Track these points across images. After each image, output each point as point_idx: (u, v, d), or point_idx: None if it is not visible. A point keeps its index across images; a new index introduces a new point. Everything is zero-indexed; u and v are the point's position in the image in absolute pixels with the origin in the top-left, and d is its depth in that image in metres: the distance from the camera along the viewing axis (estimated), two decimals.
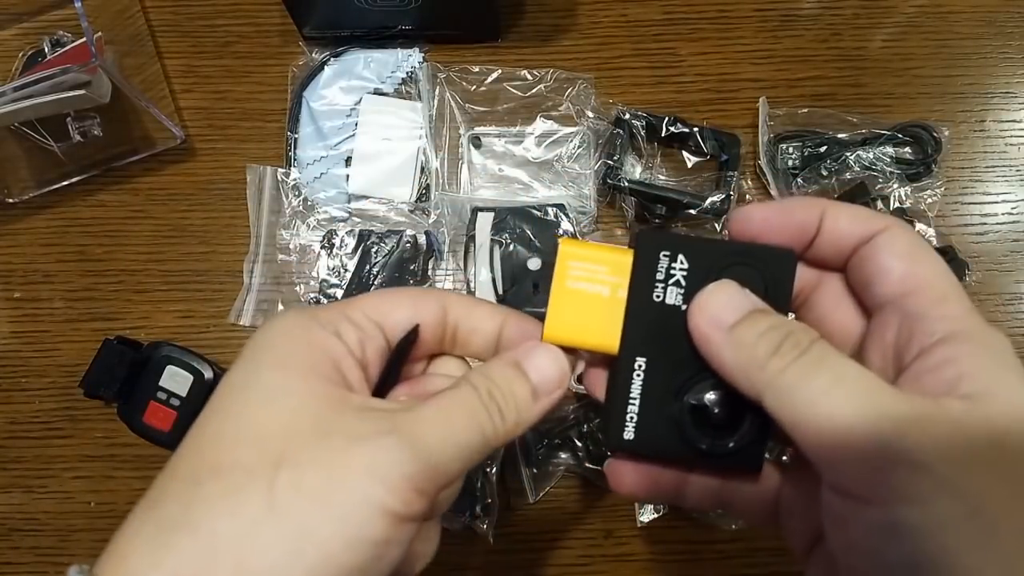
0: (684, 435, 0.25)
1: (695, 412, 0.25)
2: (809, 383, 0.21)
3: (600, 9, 0.57)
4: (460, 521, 0.48)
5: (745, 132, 0.54)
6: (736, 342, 0.23)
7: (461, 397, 0.24)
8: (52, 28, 0.56)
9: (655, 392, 0.25)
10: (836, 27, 0.57)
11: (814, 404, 0.21)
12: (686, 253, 0.25)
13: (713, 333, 0.23)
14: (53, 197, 0.54)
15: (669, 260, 0.25)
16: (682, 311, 0.25)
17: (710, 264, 0.25)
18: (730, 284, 0.24)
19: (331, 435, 0.21)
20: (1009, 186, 0.54)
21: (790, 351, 0.22)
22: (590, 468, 0.49)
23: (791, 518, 0.27)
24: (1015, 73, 0.56)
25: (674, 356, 0.25)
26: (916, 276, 0.23)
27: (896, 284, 0.23)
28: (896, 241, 0.24)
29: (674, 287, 0.25)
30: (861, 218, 0.25)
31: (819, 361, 0.21)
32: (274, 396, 0.22)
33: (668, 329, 0.25)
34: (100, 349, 0.49)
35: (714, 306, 0.24)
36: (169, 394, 0.48)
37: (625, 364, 0.25)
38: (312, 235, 0.53)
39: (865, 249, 0.24)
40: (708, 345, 0.24)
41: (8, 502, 0.51)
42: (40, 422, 0.52)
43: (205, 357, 0.49)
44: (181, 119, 0.56)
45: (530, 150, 0.54)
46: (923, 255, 0.24)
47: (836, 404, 0.20)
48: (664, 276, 0.25)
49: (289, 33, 0.56)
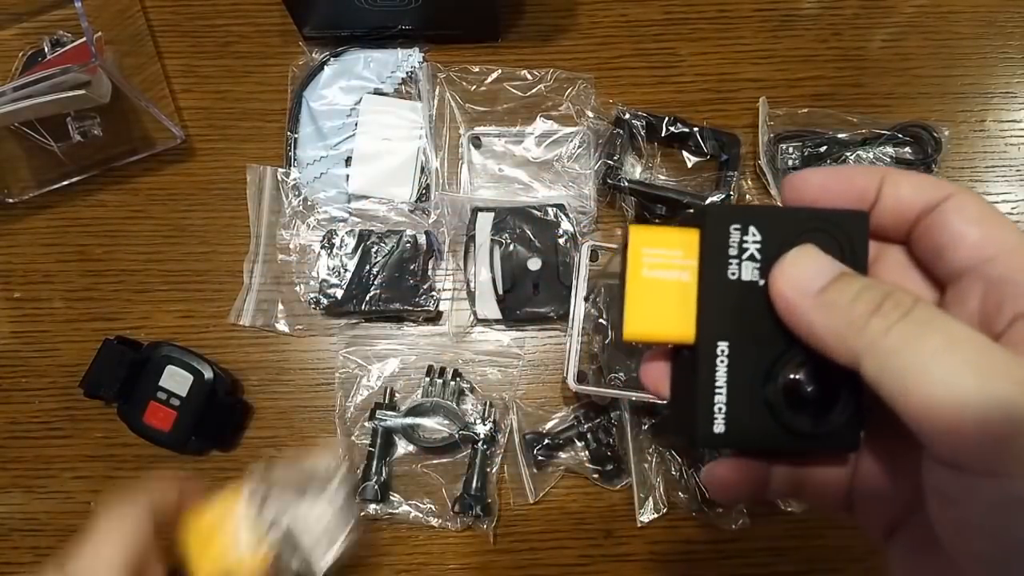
0: (781, 419, 0.23)
1: (789, 392, 0.23)
2: (919, 345, 0.19)
3: (600, 9, 0.57)
4: (460, 521, 0.48)
5: (745, 132, 0.54)
6: (828, 304, 0.21)
7: None
8: (52, 28, 0.56)
9: (742, 377, 0.23)
10: (836, 27, 0.57)
11: (925, 368, 0.19)
12: (757, 224, 0.23)
13: (800, 299, 0.22)
14: (53, 197, 0.54)
15: (740, 234, 0.23)
16: (760, 286, 0.23)
17: (784, 233, 0.23)
18: (812, 248, 0.22)
19: None
20: (1009, 186, 0.54)
21: (892, 311, 0.20)
22: (590, 468, 0.49)
23: (869, 501, 0.25)
24: (1015, 73, 0.56)
25: (759, 336, 0.23)
26: (996, 240, 0.22)
27: (974, 249, 0.22)
28: (967, 206, 0.22)
29: (749, 262, 0.23)
30: (924, 185, 0.23)
31: (927, 322, 0.19)
32: None
33: (748, 307, 0.23)
34: (100, 349, 0.49)
35: (798, 271, 0.22)
36: (169, 394, 0.48)
37: (706, 351, 0.23)
38: (312, 235, 0.53)
39: (933, 217, 0.23)
40: (795, 312, 0.22)
41: (8, 502, 0.51)
42: (40, 422, 0.52)
43: (205, 357, 0.49)
44: (181, 119, 0.56)
45: (530, 150, 0.54)
46: (997, 219, 0.22)
47: (951, 368, 0.19)
48: (737, 251, 0.23)
49: (289, 33, 0.56)
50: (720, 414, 0.23)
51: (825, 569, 0.48)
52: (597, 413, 0.49)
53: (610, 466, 0.48)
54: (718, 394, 0.23)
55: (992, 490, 0.18)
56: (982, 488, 0.19)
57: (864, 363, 0.20)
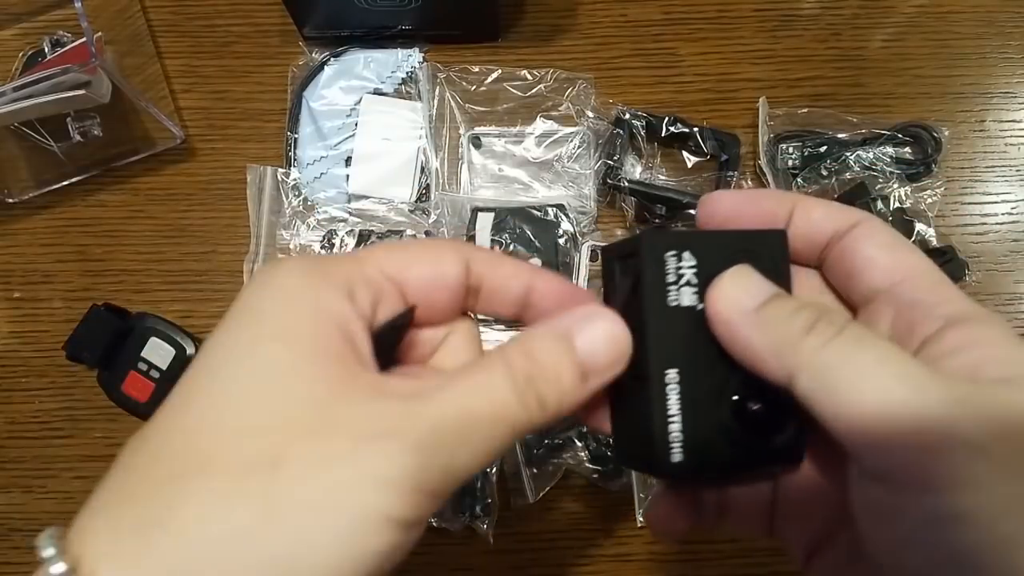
0: (733, 441, 0.23)
1: (741, 413, 0.23)
2: (852, 361, 0.20)
3: (600, 9, 0.57)
4: (460, 521, 0.48)
5: (745, 132, 0.54)
6: (764, 322, 0.21)
7: (489, 385, 0.20)
8: (52, 28, 0.56)
9: (694, 403, 0.23)
10: (836, 27, 0.57)
11: (858, 385, 0.19)
12: (691, 249, 0.23)
13: (737, 318, 0.22)
14: (53, 197, 0.54)
15: (676, 260, 0.23)
16: (699, 310, 0.23)
17: (716, 256, 0.23)
18: (747, 268, 0.23)
19: (335, 432, 0.19)
20: (1009, 186, 0.54)
21: (826, 329, 0.20)
22: (590, 468, 0.49)
23: (792, 522, 0.26)
24: (1015, 73, 0.56)
25: (705, 360, 0.23)
26: (904, 264, 0.23)
27: (885, 273, 0.23)
28: (876, 232, 0.23)
29: (687, 287, 0.23)
30: (834, 212, 0.24)
31: (859, 339, 0.20)
32: (276, 378, 0.19)
33: (692, 332, 0.23)
34: (87, 314, 0.49)
35: (735, 291, 0.22)
36: (150, 365, 0.48)
37: (657, 380, 0.23)
38: (312, 235, 0.53)
39: (844, 242, 0.24)
40: (733, 331, 0.22)
41: (8, 502, 0.51)
42: (40, 422, 0.52)
43: (190, 333, 0.49)
44: (181, 119, 0.56)
45: (530, 150, 0.54)
46: (905, 245, 0.23)
47: (884, 382, 0.19)
48: (675, 277, 0.23)
49: (289, 33, 0.56)
50: (677, 443, 0.23)
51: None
52: None
53: (610, 466, 0.48)
54: (672, 422, 0.22)
55: (924, 505, 0.19)
56: (914, 503, 0.19)
57: (799, 379, 0.20)
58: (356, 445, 0.19)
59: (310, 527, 0.18)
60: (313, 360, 0.19)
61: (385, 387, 0.20)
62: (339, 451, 0.18)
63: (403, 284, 0.23)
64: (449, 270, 0.23)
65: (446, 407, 0.19)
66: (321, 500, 0.18)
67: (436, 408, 0.19)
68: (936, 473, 0.18)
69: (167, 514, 0.18)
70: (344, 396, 0.19)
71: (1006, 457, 0.18)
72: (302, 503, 0.18)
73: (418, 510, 0.19)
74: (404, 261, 0.23)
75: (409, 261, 0.23)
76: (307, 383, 0.19)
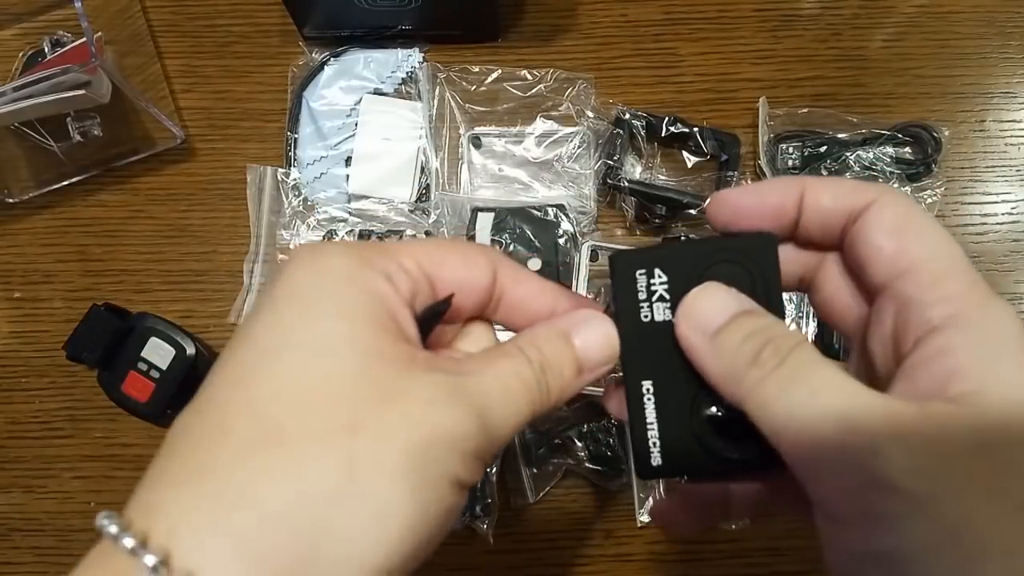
0: (708, 448, 0.24)
1: (713, 422, 0.24)
2: (787, 395, 0.20)
3: (600, 9, 0.57)
4: (460, 521, 0.48)
5: (745, 132, 0.54)
6: (718, 350, 0.22)
7: (518, 367, 0.22)
8: (52, 28, 0.56)
9: (670, 412, 0.24)
10: (836, 27, 0.57)
11: (791, 418, 0.20)
12: (661, 265, 0.24)
13: (698, 341, 0.22)
14: (53, 197, 0.54)
15: (647, 277, 0.24)
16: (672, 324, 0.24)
17: (688, 269, 0.24)
18: (713, 287, 0.23)
19: (405, 399, 0.19)
20: (1009, 186, 0.54)
21: (769, 359, 0.21)
22: (590, 468, 0.49)
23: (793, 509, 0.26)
24: (1015, 73, 0.56)
25: (678, 372, 0.24)
26: (908, 254, 0.21)
27: (889, 264, 0.22)
28: (884, 215, 0.22)
29: (659, 302, 0.24)
30: (844, 191, 0.23)
31: (796, 371, 0.20)
32: (338, 352, 0.19)
33: (664, 347, 0.24)
34: (87, 314, 0.49)
35: (697, 312, 0.23)
36: (150, 365, 0.48)
37: (633, 391, 0.24)
38: (312, 235, 0.53)
39: (856, 227, 0.23)
40: (692, 353, 0.23)
41: (8, 502, 0.51)
42: (40, 422, 0.52)
43: (190, 333, 0.49)
44: (181, 119, 0.56)
45: (530, 150, 0.54)
46: (915, 227, 0.22)
47: (811, 418, 0.19)
48: (646, 295, 0.24)
49: (289, 33, 0.56)
50: (655, 448, 0.24)
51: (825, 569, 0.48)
52: (597, 413, 0.49)
53: (610, 466, 0.48)
54: (650, 429, 0.24)
55: (849, 539, 0.19)
56: (842, 535, 0.19)
57: (746, 406, 0.21)
58: (428, 409, 0.19)
59: (392, 490, 0.18)
60: (371, 335, 0.20)
61: (437, 363, 0.21)
62: (413, 415, 0.19)
63: (435, 279, 0.23)
64: (479, 275, 0.24)
65: (492, 381, 0.21)
66: (401, 461, 0.19)
67: (485, 382, 0.21)
68: (857, 510, 0.19)
69: (244, 484, 0.18)
70: (405, 367, 0.20)
71: (925, 495, 0.18)
72: (383, 464, 0.18)
73: (473, 475, 0.20)
74: (439, 258, 0.24)
75: (443, 259, 0.24)
76: (369, 356, 0.20)
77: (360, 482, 0.18)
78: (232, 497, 0.18)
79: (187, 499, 0.18)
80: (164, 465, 0.19)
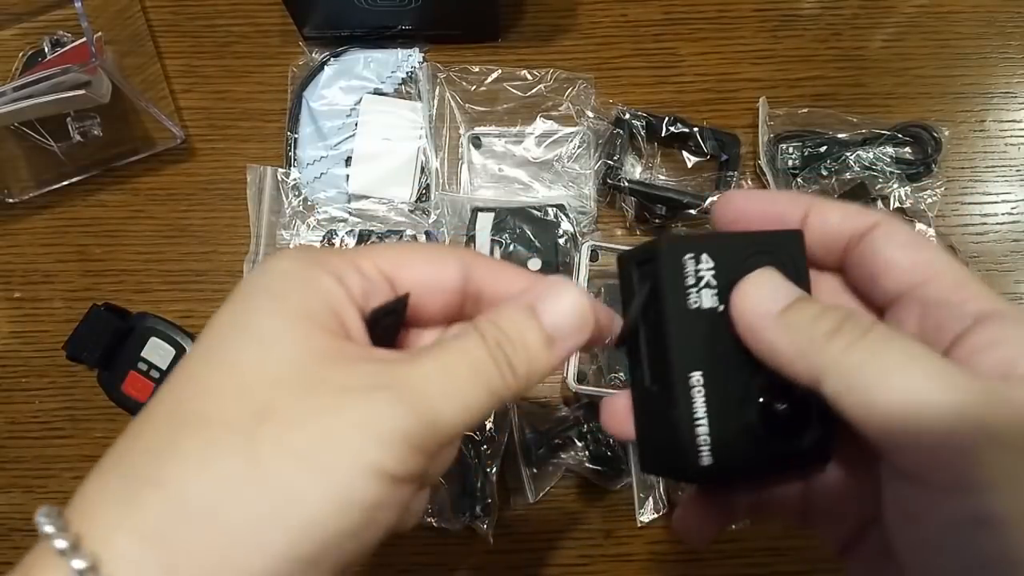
0: (760, 442, 0.23)
1: (767, 414, 0.23)
2: (881, 360, 0.19)
3: (600, 9, 0.57)
4: (460, 521, 0.48)
5: (745, 132, 0.54)
6: (790, 325, 0.21)
7: (465, 347, 0.21)
8: (52, 28, 0.56)
9: (720, 405, 0.23)
10: (836, 27, 0.57)
11: (887, 384, 0.19)
12: (709, 251, 0.23)
13: (762, 321, 0.22)
14: (53, 197, 0.54)
15: (695, 263, 0.23)
16: (720, 312, 0.23)
17: (733, 258, 0.23)
18: (771, 271, 0.23)
19: (321, 387, 0.19)
20: (1009, 186, 0.54)
21: (853, 329, 0.20)
22: (590, 468, 0.49)
23: (825, 516, 0.26)
24: (1015, 73, 0.56)
25: (728, 361, 0.23)
26: (928, 264, 0.22)
27: (908, 274, 0.22)
28: (896, 233, 0.23)
29: (707, 289, 0.23)
30: (852, 214, 0.24)
31: (887, 339, 0.20)
32: (264, 343, 0.20)
33: (714, 334, 0.23)
34: (87, 314, 0.49)
35: (759, 294, 0.22)
36: (150, 365, 0.48)
37: (682, 384, 0.23)
38: (312, 235, 0.53)
39: (864, 245, 0.23)
40: (758, 334, 0.22)
41: (8, 502, 0.51)
42: (40, 422, 0.52)
43: (190, 333, 0.49)
44: (181, 119, 0.56)
45: (530, 150, 0.54)
46: (926, 245, 0.23)
47: (914, 381, 0.19)
48: (695, 280, 0.23)
49: (289, 33, 0.56)
50: (705, 446, 0.23)
51: (825, 569, 0.48)
52: (597, 413, 0.49)
53: (610, 466, 0.48)
54: (699, 425, 0.23)
55: (953, 506, 0.18)
56: (944, 503, 0.19)
57: (826, 380, 0.20)
58: (343, 397, 0.19)
59: (296, 476, 0.18)
60: (305, 331, 0.20)
61: (372, 354, 0.21)
62: (326, 403, 0.19)
63: (396, 281, 0.23)
64: (447, 275, 0.24)
65: (428, 364, 0.21)
66: (307, 449, 0.18)
67: (419, 366, 0.21)
68: (966, 473, 0.18)
69: (156, 472, 0.18)
70: (331, 359, 0.20)
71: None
72: (288, 452, 0.18)
73: (405, 465, 0.19)
74: (400, 259, 0.24)
75: (405, 260, 0.24)
76: (295, 347, 0.20)
77: (260, 468, 0.18)
78: (147, 484, 0.18)
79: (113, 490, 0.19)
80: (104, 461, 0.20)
